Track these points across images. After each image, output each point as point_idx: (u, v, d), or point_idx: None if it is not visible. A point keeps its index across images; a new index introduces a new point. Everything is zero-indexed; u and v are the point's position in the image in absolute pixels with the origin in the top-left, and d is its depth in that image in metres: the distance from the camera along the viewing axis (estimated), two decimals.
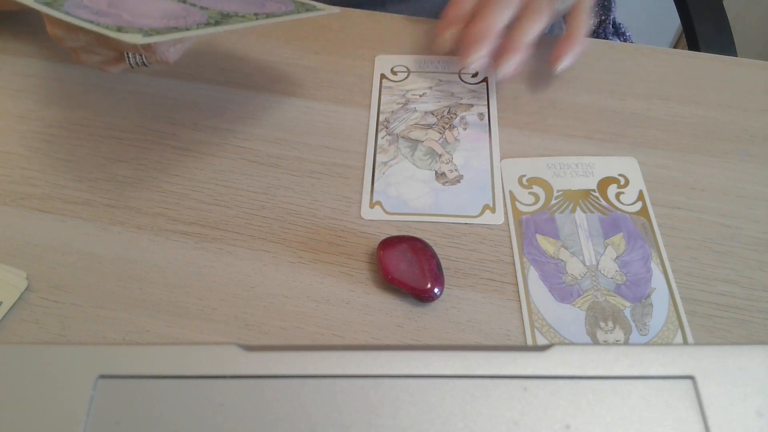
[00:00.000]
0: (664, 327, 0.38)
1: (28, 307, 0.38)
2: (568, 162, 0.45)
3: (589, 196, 0.43)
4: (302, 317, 0.38)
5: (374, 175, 0.45)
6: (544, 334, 0.38)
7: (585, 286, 0.39)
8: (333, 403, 0.21)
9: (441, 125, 0.47)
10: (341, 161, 0.45)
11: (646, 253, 0.41)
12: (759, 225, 0.42)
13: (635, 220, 0.42)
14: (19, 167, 0.44)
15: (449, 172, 0.45)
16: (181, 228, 0.42)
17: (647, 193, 0.43)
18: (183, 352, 0.23)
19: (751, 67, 0.52)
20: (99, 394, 0.22)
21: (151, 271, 0.40)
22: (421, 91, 0.49)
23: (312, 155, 0.46)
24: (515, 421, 0.21)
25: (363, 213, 0.43)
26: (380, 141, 0.46)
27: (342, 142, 0.46)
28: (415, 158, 0.45)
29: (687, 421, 0.21)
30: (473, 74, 0.50)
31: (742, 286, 0.40)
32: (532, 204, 0.43)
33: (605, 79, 0.50)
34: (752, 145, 0.46)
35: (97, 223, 0.42)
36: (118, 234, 0.42)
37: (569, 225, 0.42)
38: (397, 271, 0.38)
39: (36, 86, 0.49)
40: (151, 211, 0.43)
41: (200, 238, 0.41)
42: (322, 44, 0.53)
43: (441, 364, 0.22)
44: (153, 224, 0.42)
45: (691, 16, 0.69)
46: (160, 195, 0.44)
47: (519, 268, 0.40)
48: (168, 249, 0.41)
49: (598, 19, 0.74)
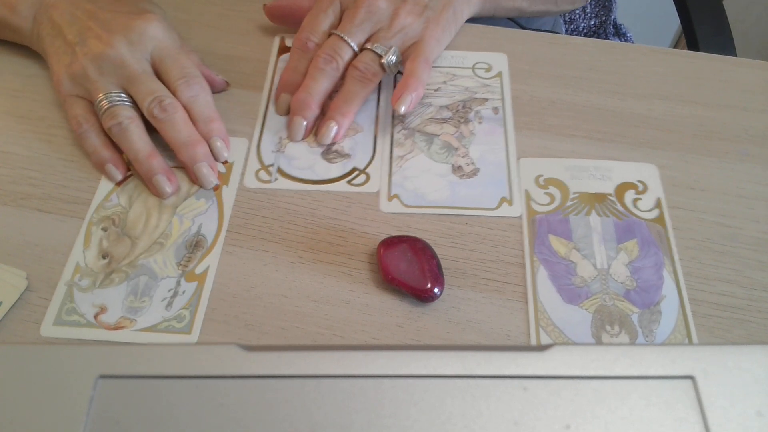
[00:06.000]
0: (671, 335, 0.37)
1: (28, 307, 0.38)
2: (586, 165, 0.45)
3: (605, 200, 0.43)
4: (302, 317, 0.38)
5: (391, 168, 0.45)
6: (549, 333, 0.37)
7: (594, 289, 0.39)
8: (333, 403, 0.21)
9: (456, 119, 0.47)
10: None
11: (659, 261, 0.40)
12: (759, 225, 0.42)
13: (651, 227, 0.42)
14: (19, 167, 0.44)
15: (465, 166, 0.45)
16: None
17: (665, 201, 0.43)
18: (183, 352, 0.23)
19: (751, 67, 0.52)
20: (99, 394, 0.22)
21: None
22: (436, 85, 0.50)
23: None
24: (515, 421, 0.21)
25: (381, 206, 0.43)
26: (396, 135, 0.47)
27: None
28: (432, 152, 0.46)
29: (687, 421, 0.21)
30: (487, 68, 0.51)
31: (742, 286, 0.40)
32: (547, 204, 0.43)
33: (605, 79, 0.50)
34: (752, 145, 0.46)
35: None
36: None
37: (583, 227, 0.42)
38: (397, 271, 0.38)
39: (36, 86, 0.49)
40: None
41: None
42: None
43: (441, 364, 0.22)
44: None
45: (691, 16, 0.69)
46: None
47: (528, 267, 0.40)
48: None
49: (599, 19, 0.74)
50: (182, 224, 0.42)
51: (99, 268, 0.40)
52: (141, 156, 0.42)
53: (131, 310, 0.38)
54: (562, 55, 0.52)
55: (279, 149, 0.46)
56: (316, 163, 0.45)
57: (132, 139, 0.42)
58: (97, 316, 0.38)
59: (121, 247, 0.41)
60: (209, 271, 0.40)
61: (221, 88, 0.49)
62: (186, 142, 0.43)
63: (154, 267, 0.40)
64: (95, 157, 0.44)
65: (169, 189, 0.43)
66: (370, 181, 0.44)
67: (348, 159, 0.45)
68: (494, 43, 0.52)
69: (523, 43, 0.52)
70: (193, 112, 0.44)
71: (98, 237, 0.41)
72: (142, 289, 0.39)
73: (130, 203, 0.43)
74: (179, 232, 0.41)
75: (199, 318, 0.38)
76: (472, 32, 0.53)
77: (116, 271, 0.40)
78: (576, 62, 0.51)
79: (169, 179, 0.43)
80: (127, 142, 0.43)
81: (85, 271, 0.39)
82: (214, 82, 0.48)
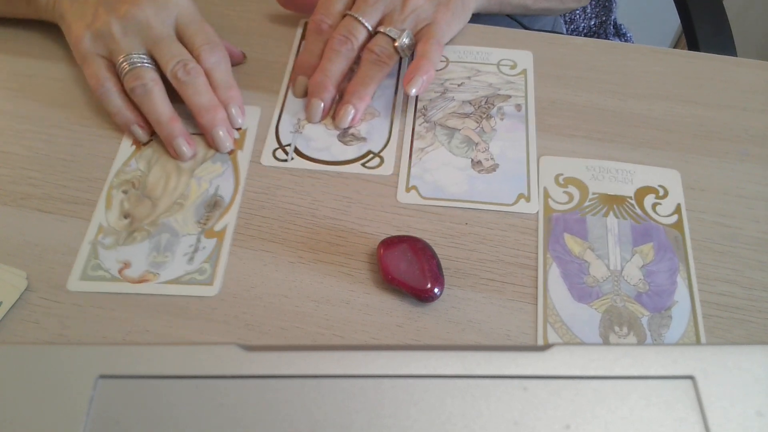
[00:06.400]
0: (680, 341, 0.37)
1: (28, 307, 0.38)
2: (608, 166, 0.45)
3: (624, 202, 0.43)
4: (302, 317, 0.38)
5: (411, 160, 0.45)
6: (556, 330, 0.38)
7: (605, 290, 0.39)
8: (333, 403, 0.21)
9: (478, 115, 0.48)
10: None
11: (674, 266, 0.40)
12: (759, 225, 0.42)
13: (668, 233, 0.42)
14: (19, 167, 0.44)
15: (485, 161, 0.45)
16: None
17: (686, 207, 0.43)
18: (183, 352, 0.23)
19: (751, 67, 0.52)
20: (99, 394, 0.22)
21: None
22: (460, 80, 0.50)
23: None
24: (515, 421, 0.21)
25: (399, 197, 0.43)
26: (418, 128, 0.47)
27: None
28: (452, 146, 0.46)
29: (687, 421, 0.21)
30: (512, 65, 0.51)
31: (742, 286, 0.40)
32: (566, 203, 0.43)
33: (605, 79, 0.50)
34: (752, 145, 0.46)
35: None
36: None
37: (599, 228, 0.42)
38: (397, 271, 0.38)
39: (36, 86, 0.49)
40: None
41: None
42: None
43: (441, 364, 0.22)
44: None
45: (691, 16, 0.69)
46: None
47: (541, 264, 0.40)
48: None
49: (599, 19, 0.74)
50: (200, 186, 0.44)
51: (121, 227, 0.41)
52: (164, 119, 0.44)
53: (154, 265, 0.40)
54: (562, 55, 0.52)
55: (297, 130, 0.46)
56: (332, 145, 0.46)
57: (155, 101, 0.44)
58: (121, 271, 0.39)
59: (142, 208, 0.42)
60: (228, 228, 0.41)
61: (239, 60, 0.50)
62: (207, 107, 0.45)
63: (174, 225, 0.41)
64: (120, 117, 0.45)
65: (188, 152, 0.44)
66: (384, 164, 0.45)
67: (364, 142, 0.46)
68: (495, 43, 0.52)
69: (524, 43, 0.52)
70: (213, 78, 0.46)
71: (119, 199, 0.43)
72: (164, 245, 0.41)
73: (149, 168, 0.44)
74: (197, 193, 0.43)
75: (220, 270, 0.40)
76: (473, 32, 0.53)
77: (138, 230, 0.41)
78: (576, 62, 0.51)
79: (188, 143, 0.44)
80: (150, 104, 0.44)
81: (108, 230, 0.41)
82: (233, 53, 0.50)
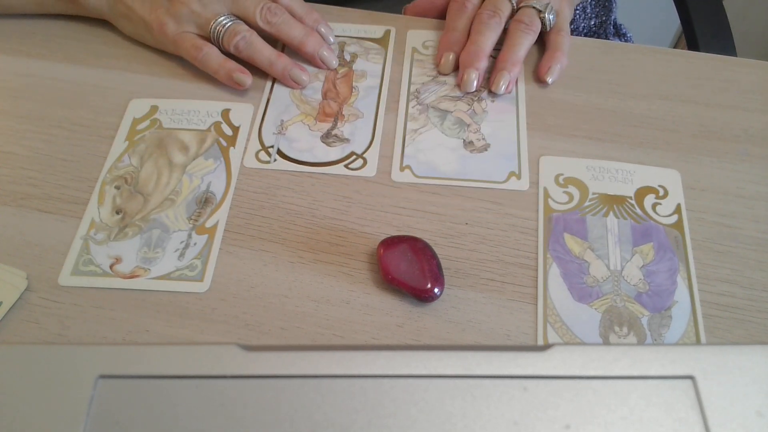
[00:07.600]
0: (680, 341, 0.37)
1: (28, 307, 0.38)
2: (608, 166, 0.45)
3: (624, 202, 0.43)
4: (302, 317, 0.38)
5: (405, 141, 0.46)
6: (556, 330, 0.38)
7: (605, 290, 0.39)
8: (333, 403, 0.21)
9: (470, 97, 0.49)
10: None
11: (674, 266, 0.40)
12: (759, 225, 0.42)
13: (668, 233, 0.42)
14: (19, 167, 0.44)
15: (477, 141, 0.46)
16: None
17: (686, 207, 0.43)
18: (183, 352, 0.23)
19: (751, 67, 0.52)
20: (99, 394, 0.22)
21: None
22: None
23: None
24: (515, 421, 0.21)
25: (393, 176, 0.44)
26: (411, 110, 0.48)
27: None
28: (444, 127, 0.47)
29: (687, 421, 0.21)
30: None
31: (742, 286, 0.40)
32: (565, 203, 0.43)
33: (605, 79, 0.50)
34: (752, 145, 0.46)
35: None
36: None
37: (599, 228, 0.42)
38: (397, 271, 0.38)
39: (36, 86, 0.49)
40: None
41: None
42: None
43: (441, 364, 0.22)
44: None
45: (691, 16, 0.69)
46: None
47: (541, 264, 0.40)
48: None
49: (599, 19, 0.74)
50: (192, 182, 0.44)
51: (113, 223, 0.42)
52: (273, 58, 0.48)
53: (145, 261, 0.40)
54: None
55: (280, 131, 0.47)
56: (315, 146, 0.46)
57: (259, 47, 0.48)
58: (112, 266, 0.40)
59: (134, 203, 0.42)
60: (219, 225, 0.42)
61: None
62: (303, 36, 0.49)
63: (165, 221, 0.42)
64: (223, 70, 0.48)
65: (306, 78, 0.49)
66: (367, 165, 0.45)
67: (347, 144, 0.46)
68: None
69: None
70: (294, 10, 0.50)
71: (111, 195, 0.43)
72: (155, 241, 0.41)
73: (141, 163, 0.45)
74: (189, 189, 0.44)
75: (210, 267, 0.40)
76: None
77: (130, 225, 0.42)
78: (576, 62, 0.51)
79: (302, 70, 0.49)
80: (255, 51, 0.48)
81: (99, 225, 0.41)
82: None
